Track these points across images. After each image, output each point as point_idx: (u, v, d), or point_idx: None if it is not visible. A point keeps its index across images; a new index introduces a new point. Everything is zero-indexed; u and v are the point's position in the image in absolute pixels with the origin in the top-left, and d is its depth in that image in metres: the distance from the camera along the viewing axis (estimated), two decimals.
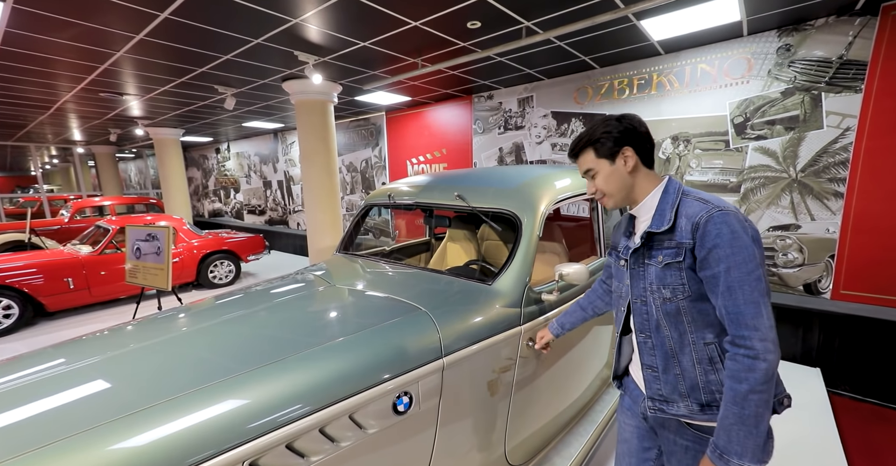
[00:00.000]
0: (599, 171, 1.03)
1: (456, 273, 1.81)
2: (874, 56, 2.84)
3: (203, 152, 12.00)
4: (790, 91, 3.20)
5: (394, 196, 2.29)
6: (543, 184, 1.91)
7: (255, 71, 3.81)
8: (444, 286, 1.68)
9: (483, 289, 1.62)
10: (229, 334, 1.32)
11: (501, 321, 1.52)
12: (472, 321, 1.45)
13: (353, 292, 1.66)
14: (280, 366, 1.10)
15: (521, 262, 1.65)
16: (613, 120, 1.02)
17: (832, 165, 3.11)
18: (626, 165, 1.00)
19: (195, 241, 5.65)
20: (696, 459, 0.97)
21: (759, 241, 0.85)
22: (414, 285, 1.71)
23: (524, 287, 1.61)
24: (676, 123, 3.80)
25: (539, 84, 4.69)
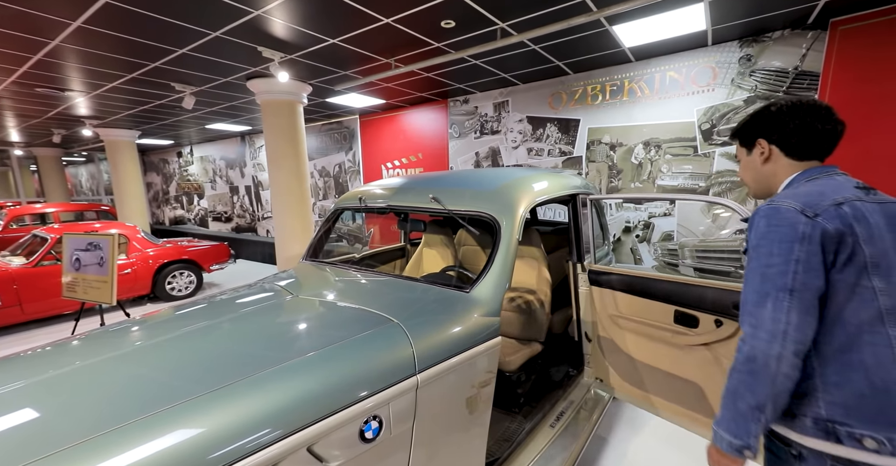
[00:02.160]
0: (741, 159, 1.05)
1: (431, 281, 1.69)
2: (825, 68, 3.00)
3: (163, 156, 11.32)
4: (752, 99, 3.33)
5: (365, 199, 2.15)
6: (522, 186, 1.83)
7: (216, 68, 3.58)
8: (418, 295, 1.56)
9: (460, 297, 1.51)
10: (172, 354, 1.14)
11: (480, 331, 1.41)
12: (449, 332, 1.33)
13: (318, 303, 1.50)
14: (228, 392, 0.94)
15: (501, 268, 1.56)
16: (767, 107, 0.96)
17: None
18: (760, 157, 0.98)
19: (150, 250, 5.23)
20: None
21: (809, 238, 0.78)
22: (386, 295, 1.57)
23: (503, 295, 1.51)
24: (648, 128, 3.88)
25: (514, 89, 4.70)
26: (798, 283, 0.77)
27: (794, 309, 0.77)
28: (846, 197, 0.82)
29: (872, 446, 0.73)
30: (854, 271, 0.78)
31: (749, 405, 0.79)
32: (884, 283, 0.77)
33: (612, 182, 4.17)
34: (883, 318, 0.77)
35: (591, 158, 4.28)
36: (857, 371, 0.77)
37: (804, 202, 0.82)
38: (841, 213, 0.79)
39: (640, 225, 4.03)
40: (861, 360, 0.77)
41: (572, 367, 2.38)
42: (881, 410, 0.74)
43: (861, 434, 0.74)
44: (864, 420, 0.75)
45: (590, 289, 2.14)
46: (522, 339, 2.35)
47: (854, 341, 0.78)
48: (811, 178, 0.91)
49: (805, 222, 0.79)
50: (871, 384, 0.75)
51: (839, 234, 0.78)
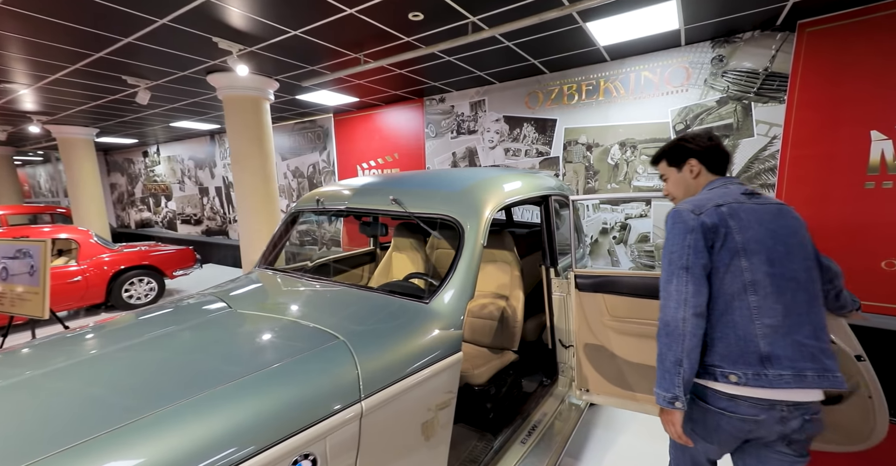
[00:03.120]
0: (669, 177, 1.31)
1: (390, 290, 1.55)
2: (794, 69, 3.02)
3: (128, 156, 10.74)
4: (724, 100, 3.33)
5: (323, 201, 1.99)
6: (490, 186, 1.71)
7: (171, 60, 3.33)
8: (372, 307, 1.41)
9: (418, 309, 1.37)
10: (71, 386, 0.95)
11: (439, 346, 1.27)
12: (403, 349, 1.19)
13: (257, 318, 1.33)
14: (119, 436, 0.77)
15: (464, 275, 1.43)
16: (688, 136, 1.26)
17: (763, 172, 3.26)
18: (690, 173, 1.25)
19: (106, 255, 4.88)
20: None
21: (695, 230, 1.06)
22: (336, 307, 1.42)
23: (466, 305, 1.38)
24: (623, 129, 3.85)
25: (491, 88, 4.61)
26: (691, 262, 1.05)
27: (690, 282, 1.04)
28: (726, 201, 1.09)
29: (734, 380, 1.00)
30: (729, 254, 1.04)
31: (671, 361, 1.02)
32: (748, 262, 1.03)
33: (589, 183, 4.12)
34: (746, 288, 1.02)
35: (567, 158, 4.22)
36: (730, 328, 1.03)
37: (695, 205, 1.11)
38: (719, 212, 1.07)
39: (617, 226, 4.00)
40: (733, 320, 1.03)
41: (546, 376, 2.27)
42: (742, 354, 1.01)
43: (729, 371, 1.01)
44: (731, 363, 1.01)
45: (570, 295, 2.00)
46: (494, 348, 2.23)
47: (729, 306, 1.03)
48: (712, 188, 1.19)
49: (693, 219, 1.08)
50: (737, 336, 1.02)
51: (714, 226, 1.06)
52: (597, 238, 4.13)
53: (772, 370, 0.97)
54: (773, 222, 1.06)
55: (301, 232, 7.08)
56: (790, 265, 1.03)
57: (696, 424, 1.10)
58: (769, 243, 1.03)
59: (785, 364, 0.97)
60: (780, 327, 0.99)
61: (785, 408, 0.98)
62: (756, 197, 1.12)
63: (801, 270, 1.04)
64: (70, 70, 3.51)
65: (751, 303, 1.01)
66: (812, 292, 1.04)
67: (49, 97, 4.56)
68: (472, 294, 1.42)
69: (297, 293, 1.58)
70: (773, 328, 0.99)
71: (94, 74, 3.64)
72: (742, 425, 1.01)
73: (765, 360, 0.98)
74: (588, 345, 2.08)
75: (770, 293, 1.01)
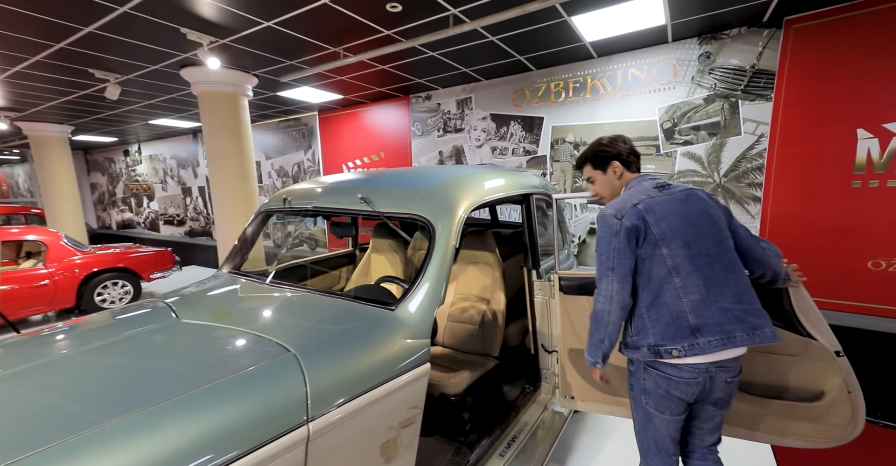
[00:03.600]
0: (596, 179, 1.44)
1: (358, 295, 1.43)
2: (780, 66, 2.98)
3: (109, 155, 10.43)
4: (711, 98, 3.28)
5: (291, 200, 1.87)
6: (464, 184, 1.61)
7: (139, 53, 3.17)
8: (334, 315, 1.30)
9: (383, 317, 1.26)
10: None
11: (404, 357, 1.16)
12: (361, 362, 1.08)
13: (202, 329, 1.21)
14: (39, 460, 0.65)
15: (434, 280, 1.32)
16: (606, 140, 1.42)
17: (750, 171, 3.21)
18: (614, 174, 1.39)
19: (77, 258, 4.67)
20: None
21: (618, 234, 1.21)
22: (295, 315, 1.30)
23: (435, 312, 1.28)
24: (611, 127, 3.78)
25: (477, 85, 4.51)
26: (615, 263, 1.21)
27: (615, 280, 1.21)
28: (641, 199, 1.23)
29: (678, 354, 1.15)
30: (651, 246, 1.19)
31: (597, 339, 1.26)
32: (668, 249, 1.18)
33: (577, 182, 4.05)
34: (670, 272, 1.17)
35: (555, 157, 4.15)
36: (663, 309, 1.17)
37: (616, 209, 1.24)
38: (637, 211, 1.21)
39: None
40: (664, 301, 1.17)
41: (529, 383, 2.18)
42: (677, 330, 1.16)
43: (671, 348, 1.16)
44: (670, 340, 1.16)
45: (554, 298, 1.91)
46: (475, 354, 2.13)
47: (660, 290, 1.18)
48: (630, 186, 1.34)
49: (616, 223, 1.22)
50: (670, 316, 1.16)
51: (634, 226, 1.20)
52: (585, 239, 4.06)
53: (702, 338, 1.13)
54: (682, 209, 1.21)
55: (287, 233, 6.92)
56: (702, 243, 1.18)
57: (650, 396, 1.26)
58: (682, 229, 1.18)
59: (714, 330, 1.13)
60: (705, 299, 1.14)
61: (714, 369, 1.16)
62: (666, 188, 1.28)
63: (712, 245, 1.19)
64: (31, 62, 3.33)
65: (676, 285, 1.16)
66: (727, 261, 1.19)
67: (13, 92, 4.34)
68: (443, 300, 1.31)
69: (254, 300, 1.46)
70: (699, 302, 1.14)
71: (59, 66, 3.46)
72: (687, 388, 1.18)
73: (695, 331, 1.14)
74: (573, 350, 1.98)
75: (691, 272, 1.16)
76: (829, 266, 2.95)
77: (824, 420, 1.35)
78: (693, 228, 1.19)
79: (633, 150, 1.38)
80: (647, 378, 1.24)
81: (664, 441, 1.29)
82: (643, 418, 1.31)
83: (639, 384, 1.28)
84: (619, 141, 1.39)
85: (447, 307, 2.29)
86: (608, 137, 1.41)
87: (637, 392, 1.30)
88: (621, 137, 1.40)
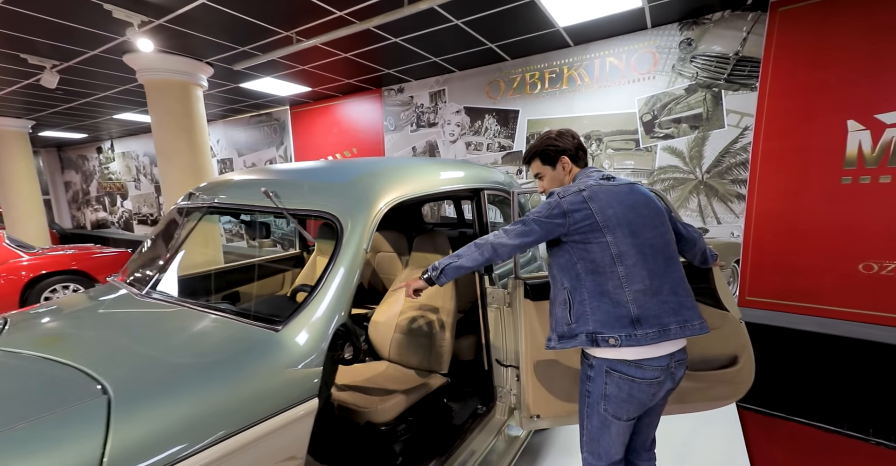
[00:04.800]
0: (546, 174, 1.38)
1: (246, 310, 1.17)
2: (766, 53, 2.76)
3: (82, 152, 10.05)
4: (693, 88, 3.06)
5: (199, 195, 1.60)
6: (386, 177, 1.36)
7: (67, 35, 2.87)
8: (199, 337, 1.04)
9: (262, 340, 1.00)
10: None
11: (278, 394, 0.91)
12: (210, 401, 0.83)
13: (6, 358, 0.95)
14: None
15: (335, 292, 1.07)
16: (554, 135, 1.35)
17: (734, 166, 3.00)
18: (563, 170, 1.35)
19: (24, 259, 4.36)
20: None
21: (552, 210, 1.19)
22: (146, 341, 1.04)
23: (334, 329, 1.03)
24: (588, 120, 3.55)
25: (450, 77, 4.27)
26: (532, 227, 1.21)
27: (519, 235, 1.22)
28: (588, 185, 1.21)
29: (614, 343, 1.12)
30: (595, 232, 1.16)
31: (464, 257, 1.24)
32: (612, 236, 1.15)
33: None
34: (614, 260, 1.14)
35: None
36: (605, 297, 1.14)
37: (562, 190, 1.23)
38: (580, 196, 1.19)
39: None
40: (607, 289, 1.14)
41: (482, 403, 1.93)
42: (617, 319, 1.13)
43: (608, 336, 1.12)
44: (609, 328, 1.13)
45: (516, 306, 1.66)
46: (423, 370, 1.89)
47: (603, 277, 1.15)
48: (578, 178, 1.31)
49: (556, 201, 1.20)
50: (612, 303, 1.13)
51: (573, 210, 1.17)
52: None
53: (640, 330, 1.10)
54: (628, 199, 1.19)
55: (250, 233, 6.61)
56: (648, 234, 1.16)
57: (611, 401, 1.18)
58: (629, 217, 1.16)
59: (652, 323, 1.11)
60: (648, 290, 1.12)
61: (673, 365, 1.15)
62: (612, 180, 1.25)
63: (657, 236, 1.18)
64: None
65: (620, 273, 1.13)
66: (668, 254, 1.19)
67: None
68: (346, 318, 1.06)
69: (109, 319, 1.20)
70: (642, 292, 1.12)
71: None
72: (649, 388, 1.14)
73: (635, 322, 1.11)
74: (540, 363, 1.74)
75: (636, 262, 1.13)
76: (818, 269, 2.74)
77: (735, 380, 1.55)
78: (640, 218, 1.18)
79: (580, 145, 1.36)
80: (608, 383, 1.18)
81: (617, 448, 1.26)
82: (598, 426, 1.24)
83: (598, 389, 1.20)
84: (568, 135, 1.35)
85: (395, 316, 2.04)
86: (556, 131, 1.36)
87: (595, 399, 1.22)
88: (569, 132, 1.36)
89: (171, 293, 1.31)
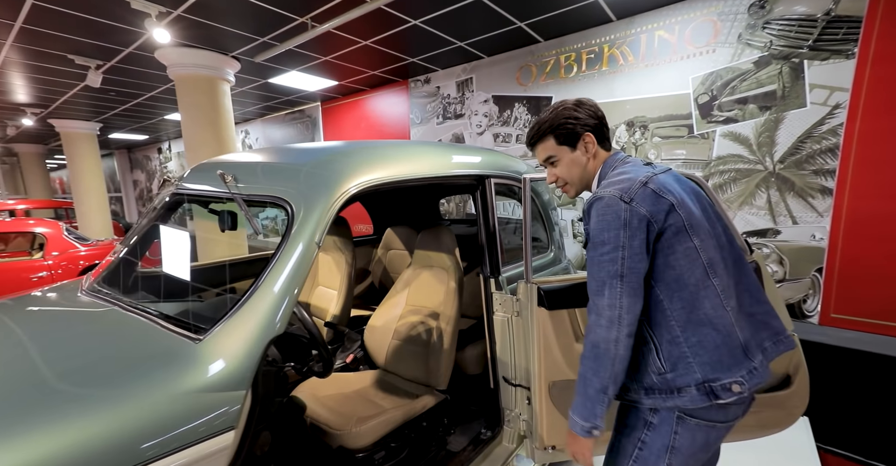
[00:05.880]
0: (561, 158, 1.01)
1: (177, 313, 1.00)
2: (871, 9, 2.19)
3: (146, 153, 11.00)
4: (765, 60, 2.53)
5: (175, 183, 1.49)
6: (359, 157, 1.14)
7: (99, 30, 2.97)
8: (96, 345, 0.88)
9: (178, 351, 0.82)
10: None
11: (181, 425, 0.72)
12: (61, 439, 0.64)
13: None
14: None
15: (274, 294, 0.87)
16: (571, 105, 0.99)
17: (818, 154, 2.44)
18: (587, 152, 0.99)
19: (80, 249, 4.73)
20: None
21: (629, 224, 0.83)
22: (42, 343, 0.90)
23: (270, 340, 0.82)
24: (631, 105, 3.11)
25: (478, 64, 3.99)
26: (626, 268, 0.83)
27: (625, 294, 0.83)
28: (648, 175, 0.88)
29: (739, 389, 0.82)
30: (680, 234, 0.84)
31: (595, 388, 0.86)
32: (699, 240, 0.85)
33: None
34: (707, 272, 0.85)
35: None
36: (705, 325, 0.84)
37: (620, 189, 0.86)
38: (648, 192, 0.85)
39: None
40: (705, 313, 0.84)
41: (487, 426, 1.66)
42: (731, 353, 0.84)
43: (729, 381, 0.82)
44: (725, 369, 0.83)
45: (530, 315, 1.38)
46: (419, 384, 1.65)
47: (695, 298, 0.84)
48: (614, 167, 0.96)
49: (625, 209, 0.84)
50: (717, 332, 0.84)
51: (652, 214, 0.83)
52: None
53: (755, 359, 0.86)
54: (687, 187, 0.93)
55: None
56: (717, 231, 0.92)
57: (678, 454, 0.90)
58: (699, 212, 0.89)
59: (754, 347, 0.88)
60: (738, 305, 0.89)
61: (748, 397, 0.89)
62: (654, 167, 0.95)
63: (722, 234, 0.92)
64: (7, 47, 3.27)
65: (716, 287, 0.86)
66: (736, 253, 0.94)
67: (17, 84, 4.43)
68: (283, 327, 0.85)
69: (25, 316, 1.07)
70: (736, 309, 0.88)
71: (34, 51, 3.37)
72: (726, 431, 0.91)
73: (746, 350, 0.86)
74: (556, 384, 1.44)
75: (724, 270, 0.88)
76: None
77: (786, 404, 1.32)
78: (705, 211, 0.90)
79: (604, 120, 1.01)
80: (680, 433, 0.89)
81: None
82: None
83: (661, 440, 0.90)
84: (589, 107, 0.99)
85: (394, 320, 1.83)
86: (572, 100, 1.00)
87: (653, 452, 0.91)
88: (590, 102, 1.01)
89: (115, 291, 1.17)
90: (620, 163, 0.97)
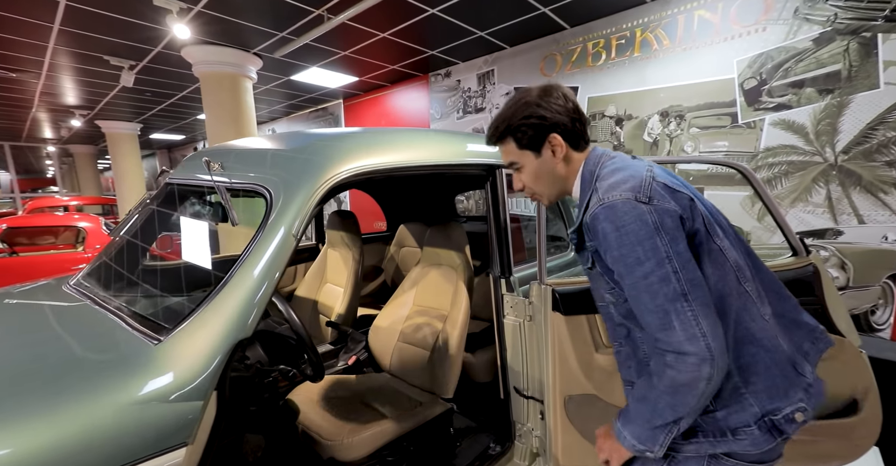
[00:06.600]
0: (525, 165, 0.81)
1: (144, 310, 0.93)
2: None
3: (184, 153, 11.57)
4: (828, 37, 2.22)
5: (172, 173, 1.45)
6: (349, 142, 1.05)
7: (129, 30, 3.06)
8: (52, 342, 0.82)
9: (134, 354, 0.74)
10: None
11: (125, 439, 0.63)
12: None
13: None
14: None
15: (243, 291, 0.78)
16: (533, 98, 0.76)
17: (893, 142, 2.11)
18: (555, 156, 0.78)
19: None
20: None
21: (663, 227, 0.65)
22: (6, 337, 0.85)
23: (236, 342, 0.73)
24: (666, 93, 2.86)
25: (500, 55, 3.83)
26: (684, 283, 0.64)
27: (700, 314, 0.64)
28: (647, 168, 0.73)
29: (802, 418, 0.68)
30: (703, 236, 0.70)
31: (666, 421, 0.69)
32: (720, 239, 0.72)
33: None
34: (737, 276, 0.71)
35: (592, 135, 3.30)
36: (751, 343, 0.70)
37: (632, 188, 0.69)
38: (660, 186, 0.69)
39: None
40: (746, 328, 0.70)
41: (497, 441, 1.52)
42: (783, 374, 0.69)
43: (791, 411, 0.68)
44: (782, 395, 0.68)
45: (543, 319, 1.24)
46: (424, 390, 1.54)
47: (729, 310, 0.70)
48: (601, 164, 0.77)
49: (648, 210, 0.67)
50: (764, 349, 0.70)
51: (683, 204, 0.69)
52: None
53: (810, 375, 0.70)
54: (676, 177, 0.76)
55: None
56: (725, 223, 0.75)
57: None
58: (709, 204, 0.75)
59: (799, 356, 0.72)
60: (774, 310, 0.73)
61: None
62: (640, 159, 0.80)
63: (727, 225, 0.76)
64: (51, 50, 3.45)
65: (750, 294, 0.70)
66: (744, 244, 0.77)
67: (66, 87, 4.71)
68: (252, 330, 0.76)
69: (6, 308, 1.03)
70: (775, 317, 0.72)
71: (73, 53, 3.54)
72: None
73: (794, 364, 0.70)
74: (572, 399, 1.29)
75: (749, 271, 0.73)
76: None
77: (851, 435, 1.13)
78: (713, 207, 0.77)
79: (578, 112, 0.76)
80: None
81: None
82: None
83: None
84: (557, 96, 0.75)
85: (400, 321, 1.72)
86: (536, 89, 0.77)
87: None
88: (558, 89, 0.76)
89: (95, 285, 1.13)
90: (606, 158, 0.78)
